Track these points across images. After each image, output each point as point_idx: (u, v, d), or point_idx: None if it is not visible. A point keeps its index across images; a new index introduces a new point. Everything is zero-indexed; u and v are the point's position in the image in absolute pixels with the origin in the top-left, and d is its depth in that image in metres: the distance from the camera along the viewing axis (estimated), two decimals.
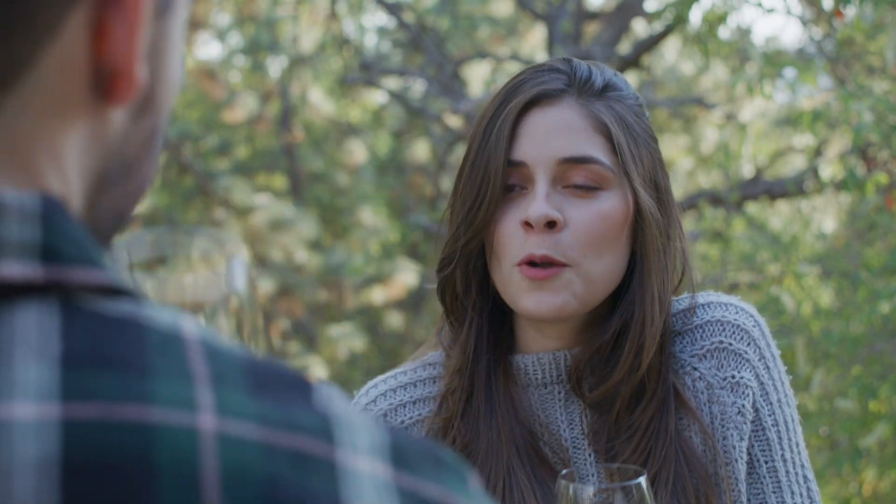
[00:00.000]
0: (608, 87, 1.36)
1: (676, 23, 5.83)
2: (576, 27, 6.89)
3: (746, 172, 7.24)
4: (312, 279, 9.05)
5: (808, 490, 1.37)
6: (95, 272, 0.53)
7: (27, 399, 0.49)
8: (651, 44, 6.96)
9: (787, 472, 1.36)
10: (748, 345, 1.38)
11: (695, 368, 1.38)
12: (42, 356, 0.50)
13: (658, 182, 1.37)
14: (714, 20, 5.34)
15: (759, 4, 5.16)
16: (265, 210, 8.81)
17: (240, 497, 0.48)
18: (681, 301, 1.43)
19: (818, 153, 6.67)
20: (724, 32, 5.80)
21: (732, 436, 1.35)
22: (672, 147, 9.14)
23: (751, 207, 6.80)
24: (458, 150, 8.02)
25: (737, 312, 1.39)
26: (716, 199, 6.39)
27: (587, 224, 1.31)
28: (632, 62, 6.87)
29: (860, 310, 4.49)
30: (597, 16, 7.60)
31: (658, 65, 8.83)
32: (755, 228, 6.35)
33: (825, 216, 7.17)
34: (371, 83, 7.65)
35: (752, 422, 1.36)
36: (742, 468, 1.35)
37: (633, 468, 1.20)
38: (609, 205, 1.32)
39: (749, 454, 1.36)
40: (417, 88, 8.93)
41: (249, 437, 0.50)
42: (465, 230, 1.35)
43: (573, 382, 1.37)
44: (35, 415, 0.48)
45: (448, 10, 8.40)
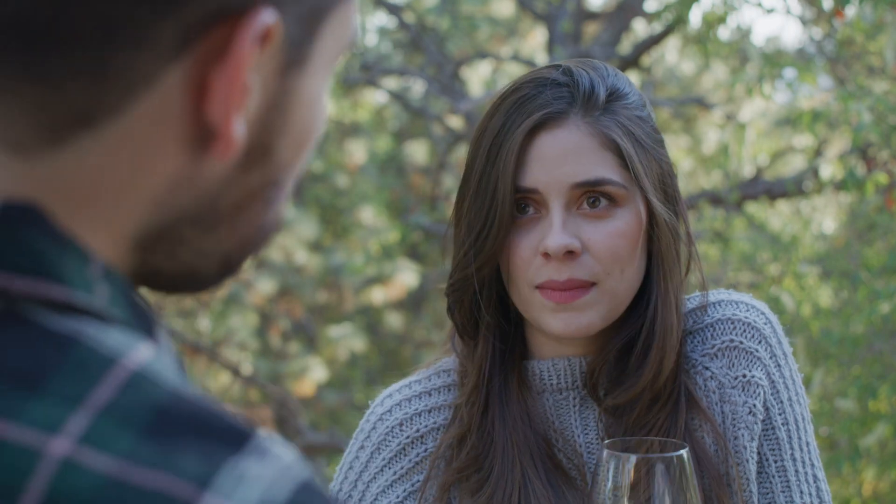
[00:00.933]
0: (612, 96, 1.34)
1: (676, 23, 5.83)
2: (576, 27, 6.89)
3: (746, 172, 7.23)
4: (312, 280, 9.04)
5: (818, 490, 1.37)
6: (49, 286, 0.53)
7: None
8: (651, 44, 6.95)
9: (797, 472, 1.36)
10: (759, 343, 1.37)
11: (706, 368, 1.38)
12: None
13: (666, 184, 1.37)
14: (714, 20, 5.34)
15: (759, 4, 5.16)
16: None
17: None
18: (691, 300, 1.42)
19: (818, 153, 6.67)
20: (724, 32, 5.80)
21: (743, 436, 1.35)
22: (672, 147, 9.13)
23: (751, 207, 6.80)
24: (458, 151, 8.02)
25: (748, 310, 1.39)
26: (716, 199, 6.39)
27: (606, 245, 1.30)
28: (632, 62, 6.87)
29: (860, 310, 4.49)
30: (597, 16, 7.60)
31: (658, 65, 8.82)
32: (755, 228, 6.35)
33: (825, 216, 7.16)
34: (371, 83, 7.65)
35: (763, 421, 1.36)
36: (753, 468, 1.35)
37: (675, 441, 1.20)
38: (624, 222, 1.31)
39: (759, 453, 1.36)
40: (417, 88, 8.93)
41: (99, 469, 0.49)
42: (476, 256, 1.33)
43: (589, 388, 1.37)
44: None
45: (448, 10, 8.40)
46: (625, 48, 7.22)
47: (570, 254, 1.29)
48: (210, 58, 0.54)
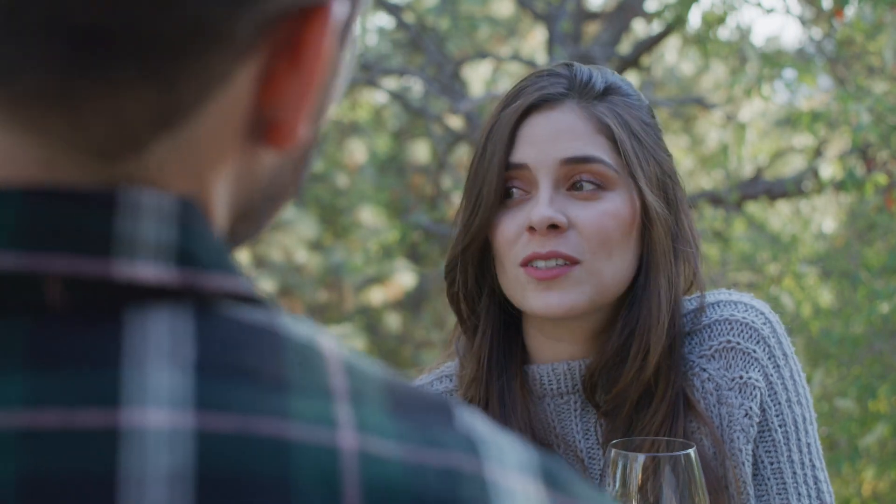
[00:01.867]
0: (610, 90, 1.35)
1: (676, 23, 5.83)
2: (576, 27, 6.89)
3: (746, 172, 7.24)
4: (312, 279, 9.05)
5: (819, 492, 1.36)
6: (231, 279, 0.51)
7: (160, 406, 0.47)
8: (651, 44, 6.96)
9: (794, 474, 1.35)
10: (757, 343, 1.36)
11: (703, 369, 1.37)
12: (175, 362, 0.48)
13: (666, 183, 1.36)
14: (713, 20, 5.34)
15: (759, 4, 5.16)
16: None
17: None
18: (691, 301, 1.41)
19: (818, 153, 6.67)
20: (724, 32, 5.80)
21: (739, 438, 1.34)
22: (672, 147, 9.12)
23: (751, 207, 6.80)
24: (458, 150, 8.03)
25: (746, 310, 1.38)
26: (716, 199, 6.39)
27: (593, 223, 1.30)
28: (632, 62, 6.87)
29: (860, 310, 4.50)
30: (597, 16, 7.60)
31: (658, 65, 8.83)
32: (755, 228, 6.35)
33: (825, 216, 7.16)
34: (371, 83, 7.65)
35: (759, 423, 1.35)
36: (749, 470, 1.34)
37: (682, 441, 1.20)
38: (614, 205, 1.31)
39: (754, 455, 1.35)
40: (417, 88, 8.93)
41: (392, 455, 0.48)
42: (464, 235, 1.35)
43: (587, 391, 1.37)
44: (168, 423, 0.46)
45: (448, 10, 8.40)
46: (625, 48, 7.22)
47: (555, 228, 1.30)
48: (280, 52, 0.53)
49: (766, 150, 7.77)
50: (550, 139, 1.32)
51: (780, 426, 1.35)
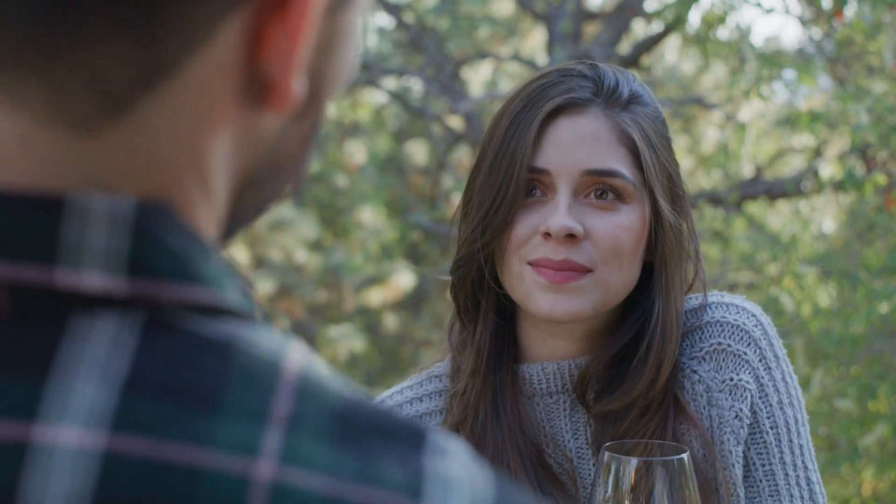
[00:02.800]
0: (633, 99, 1.35)
1: (676, 23, 5.83)
2: (576, 27, 6.89)
3: (746, 172, 7.24)
4: (312, 279, 9.05)
5: (811, 493, 1.35)
6: (193, 288, 0.49)
7: (75, 423, 0.45)
8: (651, 44, 6.96)
9: (787, 476, 1.35)
10: (748, 345, 1.36)
11: (694, 371, 1.37)
12: (105, 377, 0.46)
13: (675, 191, 1.37)
14: (713, 20, 5.34)
15: (759, 4, 5.16)
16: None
17: None
18: (686, 302, 1.41)
19: (818, 153, 6.67)
20: (724, 32, 5.80)
21: (729, 440, 1.34)
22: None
23: (750, 207, 6.80)
24: (458, 150, 8.03)
25: (737, 312, 1.38)
26: (715, 199, 6.40)
27: (608, 235, 1.30)
28: (632, 62, 6.87)
29: (859, 310, 4.50)
30: (596, 16, 7.60)
31: (658, 65, 8.83)
32: (755, 228, 6.35)
33: (825, 216, 7.17)
34: (371, 83, 7.65)
35: (750, 425, 1.35)
36: (739, 473, 1.34)
37: (675, 445, 1.20)
38: (629, 218, 1.31)
39: (745, 457, 1.35)
40: (417, 88, 8.93)
41: (311, 489, 0.46)
42: (483, 233, 1.34)
43: (578, 393, 1.37)
44: (77, 442, 0.45)
45: (448, 10, 8.40)
46: (624, 48, 7.22)
47: (571, 238, 1.30)
48: (267, 6, 0.51)
49: (766, 151, 7.77)
50: (574, 146, 1.31)
51: (772, 428, 1.35)
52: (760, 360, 1.36)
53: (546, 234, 1.30)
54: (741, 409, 1.34)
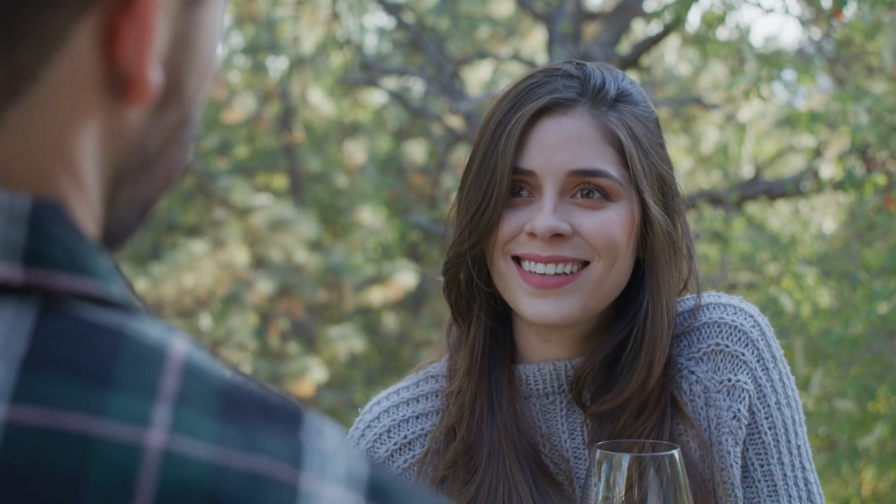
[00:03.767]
0: (621, 97, 1.34)
1: (675, 23, 5.84)
2: (575, 27, 6.89)
3: (746, 172, 7.23)
4: (312, 279, 9.05)
5: (809, 493, 1.35)
6: (83, 280, 0.52)
7: None
8: (650, 44, 6.96)
9: (785, 476, 1.35)
10: (745, 346, 1.36)
11: (692, 372, 1.37)
12: (3, 355, 0.49)
13: (666, 193, 1.36)
14: (713, 20, 5.34)
15: (759, 4, 5.16)
16: (265, 210, 8.81)
17: None
18: (683, 303, 1.41)
19: (817, 154, 6.67)
20: (723, 33, 5.80)
21: (727, 441, 1.34)
22: (672, 147, 9.12)
23: (750, 207, 6.80)
24: (459, 150, 8.03)
25: (735, 313, 1.38)
26: (715, 199, 6.40)
27: (599, 229, 1.30)
28: (631, 62, 6.87)
29: (859, 310, 4.49)
30: (596, 16, 7.60)
31: (658, 65, 8.83)
32: (754, 228, 6.35)
33: (824, 216, 7.17)
34: (371, 83, 7.65)
35: (748, 425, 1.35)
36: (737, 473, 1.34)
37: (666, 443, 1.20)
38: (616, 215, 1.31)
39: (744, 458, 1.35)
40: (417, 88, 8.93)
41: (197, 456, 0.49)
42: (470, 234, 1.34)
43: (574, 394, 1.37)
44: None
45: (448, 10, 8.40)
46: (624, 48, 7.22)
47: (559, 237, 1.30)
48: (116, 4, 0.54)
49: (766, 151, 7.77)
50: (559, 147, 1.31)
51: (770, 428, 1.35)
52: (758, 361, 1.36)
53: (531, 234, 1.30)
54: (739, 410, 1.34)
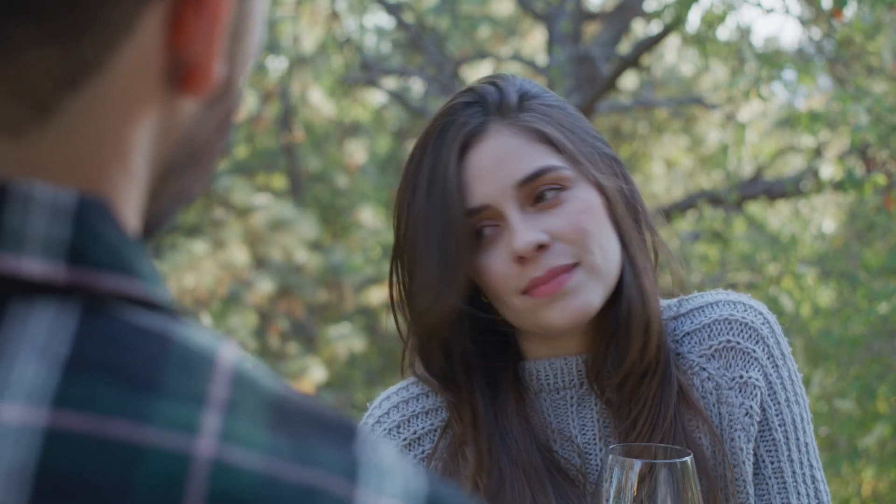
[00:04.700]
0: (523, 97, 1.34)
1: (675, 23, 5.84)
2: (575, 27, 6.89)
3: (746, 173, 7.24)
4: (312, 279, 9.05)
5: (816, 490, 1.36)
6: (129, 281, 0.50)
7: (16, 401, 0.46)
8: (650, 44, 6.96)
9: (794, 473, 1.35)
10: (756, 343, 1.36)
11: (703, 368, 1.37)
12: (45, 357, 0.47)
13: (607, 156, 1.36)
14: (713, 20, 5.34)
15: (759, 4, 5.16)
16: (265, 210, 8.81)
17: None
18: (691, 301, 1.42)
19: (818, 154, 6.67)
20: (723, 32, 5.81)
21: (740, 437, 1.34)
22: (672, 147, 9.14)
23: (750, 207, 6.81)
24: None
25: (745, 310, 1.38)
26: (715, 200, 6.40)
27: (572, 226, 1.30)
28: (631, 62, 6.87)
29: (859, 310, 4.50)
30: (596, 16, 7.60)
31: (658, 65, 8.83)
32: (755, 229, 6.35)
33: (824, 216, 7.17)
34: (371, 83, 7.65)
35: (759, 422, 1.35)
36: (749, 470, 1.34)
37: (679, 448, 1.20)
38: (580, 200, 1.31)
39: (755, 454, 1.35)
40: (417, 88, 8.94)
41: (250, 466, 0.47)
42: (440, 294, 1.31)
43: (591, 383, 1.37)
44: (20, 419, 0.46)
45: (448, 10, 8.40)
46: (624, 48, 7.22)
47: (542, 248, 1.29)
48: None
49: (766, 151, 7.78)
50: (495, 168, 1.30)
51: (780, 425, 1.36)
52: (769, 358, 1.36)
53: (520, 259, 1.29)
54: (751, 407, 1.35)
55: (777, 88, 6.14)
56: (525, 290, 1.30)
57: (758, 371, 1.35)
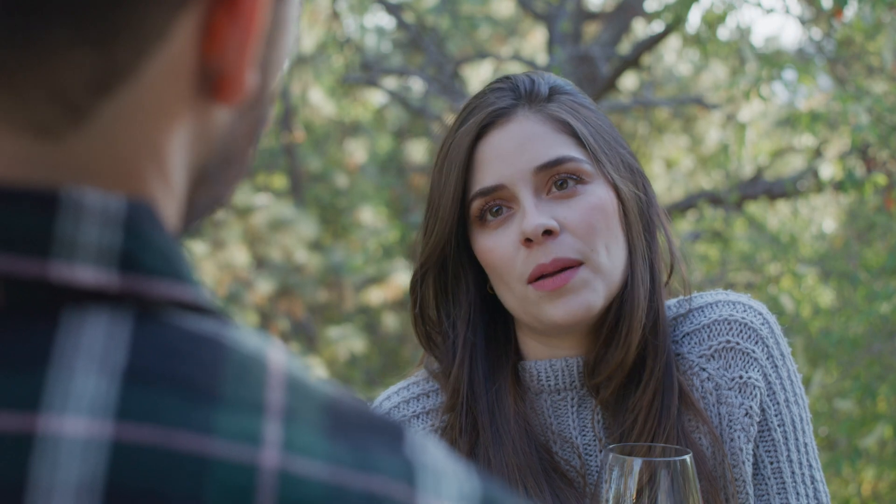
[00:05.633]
0: (554, 91, 1.36)
1: (675, 23, 5.84)
2: (576, 27, 6.89)
3: (746, 172, 7.24)
4: (312, 279, 9.05)
5: (815, 491, 1.36)
6: (179, 287, 0.50)
7: (79, 413, 0.45)
8: (651, 44, 6.96)
9: (793, 473, 1.35)
10: (756, 343, 1.36)
11: (703, 369, 1.37)
12: (104, 368, 0.47)
13: (631, 166, 1.37)
14: (713, 20, 5.34)
15: (759, 4, 5.16)
16: (265, 210, 8.81)
17: None
18: (690, 301, 1.42)
19: (818, 154, 6.67)
20: (724, 32, 5.81)
21: (740, 437, 1.34)
22: (672, 147, 9.14)
23: (750, 207, 6.81)
24: None
25: (744, 311, 1.38)
26: (715, 200, 6.40)
27: (582, 220, 1.31)
28: (632, 62, 6.87)
29: (859, 310, 4.50)
30: (596, 16, 7.60)
31: (658, 65, 8.83)
32: (755, 228, 6.35)
33: (824, 216, 7.17)
34: (371, 83, 7.65)
35: (759, 422, 1.35)
36: (749, 470, 1.34)
37: (678, 447, 1.20)
38: (596, 196, 1.32)
39: (754, 455, 1.35)
40: (417, 88, 8.94)
41: (315, 476, 0.47)
42: (421, 256, 1.37)
43: (588, 384, 1.37)
44: (85, 432, 0.45)
45: (448, 10, 8.40)
46: (625, 48, 7.22)
47: (550, 234, 1.30)
48: (217, 2, 0.52)
49: (766, 151, 7.78)
50: (516, 151, 1.32)
51: (780, 426, 1.36)
52: (768, 358, 1.36)
53: (527, 241, 1.30)
54: (751, 407, 1.35)
55: (777, 88, 6.14)
56: (530, 280, 1.30)
57: (757, 371, 1.36)
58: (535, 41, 9.24)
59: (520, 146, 1.32)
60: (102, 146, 0.51)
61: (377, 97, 9.96)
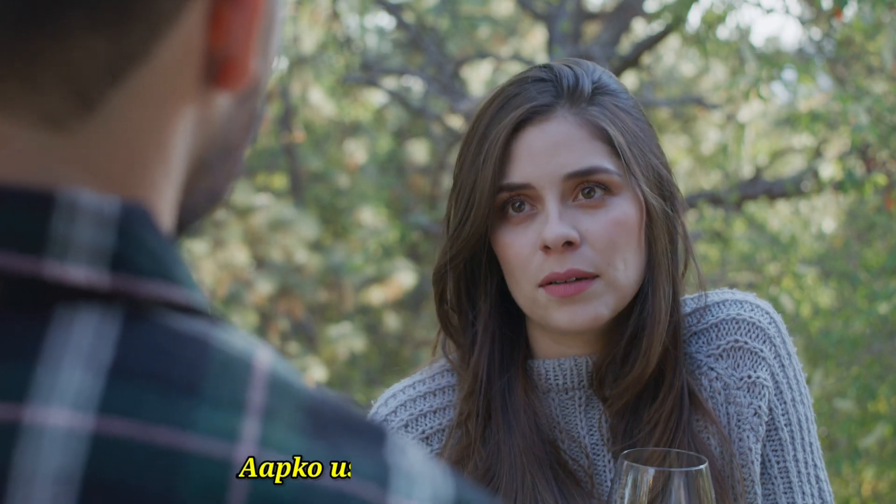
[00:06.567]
0: (598, 89, 1.33)
1: (675, 23, 5.84)
2: (576, 27, 6.89)
3: (746, 173, 7.24)
4: (312, 279, 9.05)
5: (820, 490, 1.36)
6: (169, 288, 0.51)
7: (63, 406, 0.47)
8: (651, 44, 6.96)
9: (799, 472, 1.35)
10: (764, 343, 1.36)
11: (711, 368, 1.36)
12: (90, 364, 0.48)
13: (662, 177, 1.35)
14: (713, 20, 5.35)
15: (759, 4, 5.16)
16: (265, 210, 8.81)
17: None
18: (695, 300, 1.41)
19: (818, 154, 6.67)
20: (724, 32, 5.80)
21: (748, 437, 1.34)
22: (672, 147, 9.14)
23: (750, 208, 6.81)
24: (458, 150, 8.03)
25: (752, 310, 1.38)
26: (715, 199, 6.40)
27: (604, 235, 1.29)
28: (632, 62, 6.87)
29: (859, 310, 4.50)
30: (596, 16, 7.60)
31: (658, 65, 8.83)
32: (755, 229, 6.35)
33: (824, 216, 7.17)
34: (371, 83, 7.65)
35: (767, 422, 1.35)
36: (757, 469, 1.34)
37: (693, 455, 1.18)
38: (621, 211, 1.30)
39: (762, 454, 1.35)
40: (417, 88, 8.94)
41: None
42: (451, 247, 1.35)
43: (595, 387, 1.36)
44: (67, 424, 0.47)
45: (448, 10, 8.40)
46: (624, 48, 7.22)
47: (570, 245, 1.28)
48: None
49: (766, 151, 7.78)
50: (549, 154, 1.29)
51: (787, 425, 1.35)
52: (776, 358, 1.36)
53: (546, 248, 1.29)
54: (760, 406, 1.34)
55: (777, 88, 6.14)
56: (542, 284, 1.30)
57: (765, 371, 1.35)
58: (535, 41, 9.23)
59: (553, 149, 1.29)
60: (106, 134, 0.52)
61: (377, 97, 9.95)
